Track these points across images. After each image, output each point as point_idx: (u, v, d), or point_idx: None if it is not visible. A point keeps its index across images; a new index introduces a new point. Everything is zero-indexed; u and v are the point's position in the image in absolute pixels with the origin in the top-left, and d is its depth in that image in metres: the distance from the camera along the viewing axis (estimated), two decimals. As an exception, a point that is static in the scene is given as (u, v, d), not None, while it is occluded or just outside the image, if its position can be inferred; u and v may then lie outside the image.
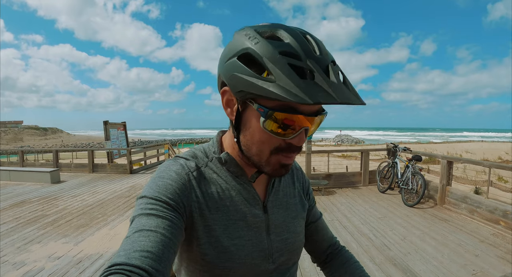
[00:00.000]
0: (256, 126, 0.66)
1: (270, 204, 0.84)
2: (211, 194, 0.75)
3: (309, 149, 7.94)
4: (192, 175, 0.75)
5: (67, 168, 12.02)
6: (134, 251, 0.55)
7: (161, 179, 0.72)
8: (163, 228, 0.61)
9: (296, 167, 1.01)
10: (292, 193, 0.93)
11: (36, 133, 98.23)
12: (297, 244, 0.88)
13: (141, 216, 0.63)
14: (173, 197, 0.68)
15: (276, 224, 0.83)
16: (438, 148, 26.43)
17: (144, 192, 0.70)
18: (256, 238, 0.78)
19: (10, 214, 6.11)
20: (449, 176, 5.94)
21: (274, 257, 0.81)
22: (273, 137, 0.66)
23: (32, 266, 3.81)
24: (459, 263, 3.63)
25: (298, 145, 0.67)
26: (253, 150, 0.70)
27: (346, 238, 4.50)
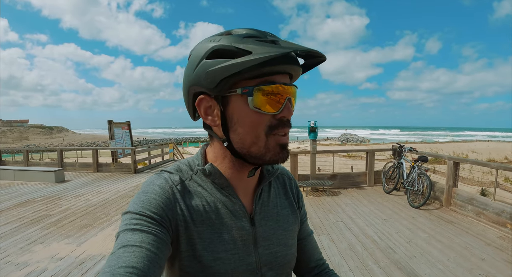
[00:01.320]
0: (244, 112, 0.68)
1: (258, 216, 0.81)
2: (196, 207, 0.74)
3: (314, 149, 7.91)
4: (176, 188, 0.74)
5: (71, 167, 12.06)
6: (119, 267, 0.55)
7: (145, 194, 0.71)
8: (148, 243, 0.60)
9: (289, 177, 0.98)
10: (283, 203, 0.89)
11: (42, 132, 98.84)
12: (289, 257, 0.85)
13: (126, 232, 0.63)
14: (157, 211, 0.67)
15: (264, 236, 0.80)
16: (444, 148, 26.30)
17: (129, 207, 0.69)
18: (243, 251, 0.76)
19: (14, 214, 6.13)
20: (455, 177, 5.88)
21: (262, 271, 0.79)
22: (263, 116, 0.67)
23: (35, 266, 3.81)
24: (465, 267, 3.58)
25: (288, 117, 0.69)
26: (248, 140, 0.69)
27: (351, 240, 4.46)
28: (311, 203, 6.59)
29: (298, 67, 0.69)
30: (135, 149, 11.94)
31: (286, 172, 0.99)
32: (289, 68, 0.67)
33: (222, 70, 0.64)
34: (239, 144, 0.70)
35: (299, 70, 0.71)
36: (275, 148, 0.69)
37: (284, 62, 0.65)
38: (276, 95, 0.66)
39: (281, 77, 0.68)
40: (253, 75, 0.65)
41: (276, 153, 0.70)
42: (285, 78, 0.69)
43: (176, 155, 16.34)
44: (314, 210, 6.08)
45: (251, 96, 0.65)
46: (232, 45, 0.64)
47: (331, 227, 5.02)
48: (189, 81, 0.70)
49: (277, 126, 0.68)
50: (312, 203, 6.60)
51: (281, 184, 0.93)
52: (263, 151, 0.69)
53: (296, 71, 0.70)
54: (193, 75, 0.69)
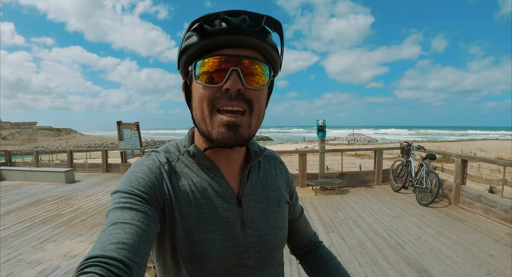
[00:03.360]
0: (194, 88, 0.71)
1: (246, 197, 0.82)
2: (182, 187, 0.75)
3: (323, 148, 7.91)
4: (164, 168, 0.76)
5: (81, 168, 12.16)
6: (109, 243, 0.55)
7: (133, 173, 0.73)
8: (138, 220, 0.61)
9: (280, 161, 0.99)
10: (273, 186, 0.90)
11: (50, 133, 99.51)
12: (278, 240, 0.85)
13: (115, 210, 0.63)
14: (145, 190, 0.69)
15: (252, 218, 0.81)
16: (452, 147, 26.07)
17: (118, 187, 0.70)
18: (229, 233, 0.77)
19: (26, 213, 6.21)
20: (463, 175, 5.86)
21: (250, 252, 0.79)
22: (208, 90, 0.67)
23: (47, 264, 3.86)
24: (474, 263, 3.58)
25: (233, 88, 0.65)
26: (198, 116, 0.71)
27: (360, 237, 4.48)
28: (320, 202, 6.61)
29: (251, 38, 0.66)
30: (144, 149, 12.01)
31: (277, 156, 1.00)
32: (238, 39, 0.65)
33: (177, 53, 0.71)
34: (195, 121, 0.73)
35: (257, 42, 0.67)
36: (219, 127, 0.67)
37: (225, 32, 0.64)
38: (217, 66, 0.66)
39: (235, 51, 0.66)
40: (200, 51, 0.67)
41: (220, 132, 0.68)
42: (242, 52, 0.67)
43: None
44: (324, 208, 6.10)
45: (194, 70, 0.68)
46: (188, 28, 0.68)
47: (341, 225, 5.04)
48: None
49: (219, 99, 0.66)
50: (321, 202, 6.62)
51: (272, 167, 0.94)
52: (209, 129, 0.69)
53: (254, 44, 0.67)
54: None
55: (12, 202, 7.24)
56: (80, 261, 0.53)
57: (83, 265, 0.52)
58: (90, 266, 0.51)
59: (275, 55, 0.73)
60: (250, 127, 0.70)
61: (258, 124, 0.73)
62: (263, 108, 0.73)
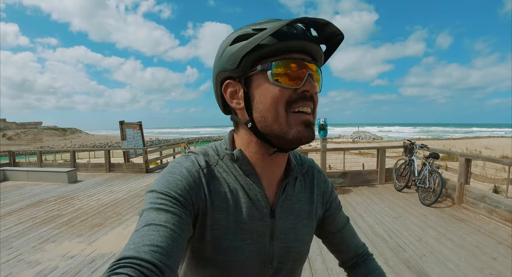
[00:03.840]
0: (265, 88, 0.69)
1: (279, 209, 0.80)
2: (219, 193, 0.74)
3: (324, 147, 7.86)
4: (203, 172, 0.74)
5: (84, 167, 12.21)
6: (143, 245, 0.55)
7: (171, 174, 0.72)
8: (173, 224, 0.61)
9: (318, 170, 0.96)
10: (308, 199, 0.88)
11: (55, 133, 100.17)
12: (302, 253, 0.85)
13: (150, 210, 0.64)
14: (182, 193, 0.68)
15: (282, 230, 0.80)
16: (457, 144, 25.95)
17: (154, 186, 0.70)
18: (258, 242, 0.76)
19: (27, 213, 6.23)
20: (467, 174, 5.78)
21: (274, 263, 0.79)
22: (284, 91, 0.67)
23: (46, 265, 3.87)
24: (476, 266, 3.52)
25: (311, 90, 0.68)
26: (269, 117, 0.69)
27: (361, 238, 4.40)
28: (321, 202, 6.52)
29: (315, 44, 0.70)
30: (147, 149, 12.02)
31: (315, 165, 0.97)
32: (306, 45, 0.68)
33: (241, 49, 0.67)
34: (262, 123, 0.70)
35: (318, 49, 0.71)
36: (298, 125, 0.68)
37: (298, 37, 0.66)
38: (296, 69, 0.67)
39: (301, 55, 0.69)
40: (271, 51, 0.67)
41: (299, 130, 0.68)
42: (305, 56, 0.69)
43: (187, 154, 16.35)
44: (324, 208, 6.02)
45: (270, 70, 0.67)
46: (250, 29, 0.68)
47: (341, 226, 4.98)
48: (216, 68, 0.73)
49: (297, 100, 0.68)
50: (322, 202, 6.53)
51: (309, 178, 0.91)
52: (285, 129, 0.68)
53: (315, 50, 0.71)
54: (219, 62, 0.72)
55: (14, 202, 7.28)
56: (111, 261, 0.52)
57: (115, 265, 0.52)
58: (122, 267, 0.52)
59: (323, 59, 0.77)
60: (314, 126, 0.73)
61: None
62: None
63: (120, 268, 0.51)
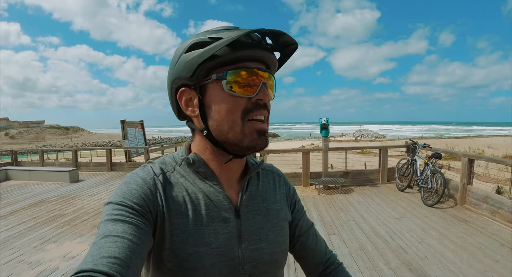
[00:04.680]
0: (220, 97, 0.69)
1: (245, 209, 0.78)
2: (176, 198, 0.72)
3: (326, 147, 7.84)
4: (158, 179, 0.73)
5: (86, 167, 12.22)
6: (101, 257, 0.54)
7: (126, 184, 0.71)
8: (130, 234, 0.60)
9: (278, 174, 0.96)
10: (273, 199, 0.86)
11: (58, 132, 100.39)
12: (276, 255, 0.80)
13: (107, 222, 0.62)
14: (138, 201, 0.67)
15: (250, 230, 0.77)
16: (460, 143, 25.83)
17: (111, 198, 0.68)
18: (225, 246, 0.73)
19: (29, 213, 6.24)
20: (470, 174, 5.75)
21: (245, 268, 0.75)
22: (239, 100, 0.68)
23: (47, 265, 3.87)
24: (478, 269, 3.49)
25: (264, 99, 0.70)
26: (225, 126, 0.70)
27: (362, 240, 4.40)
28: (323, 202, 6.55)
29: (270, 53, 0.71)
30: (148, 148, 12.01)
31: (276, 169, 0.97)
32: (261, 54, 0.70)
33: (196, 58, 0.67)
34: (217, 131, 0.71)
35: (272, 58, 0.73)
36: (252, 133, 0.70)
37: (253, 46, 0.68)
38: (250, 78, 0.68)
39: (255, 64, 0.70)
40: (226, 60, 0.67)
41: (253, 138, 0.70)
42: (259, 65, 0.71)
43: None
44: (326, 208, 6.03)
45: (225, 79, 0.67)
46: (206, 37, 0.68)
47: (342, 227, 4.97)
48: (171, 75, 0.74)
49: (252, 109, 0.69)
50: (324, 202, 6.55)
51: (271, 180, 0.91)
52: (240, 137, 0.69)
53: (270, 59, 0.72)
54: (174, 69, 0.72)
55: (16, 202, 7.29)
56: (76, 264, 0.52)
57: None
58: None
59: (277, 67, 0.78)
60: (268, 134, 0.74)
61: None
62: None
63: None
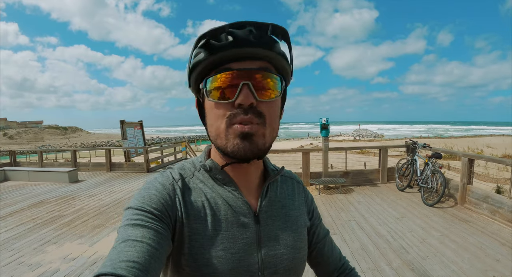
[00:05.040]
0: (208, 105, 0.70)
1: (264, 214, 0.78)
2: (195, 203, 0.73)
3: (326, 147, 7.83)
4: (177, 184, 0.74)
5: (85, 167, 12.19)
6: (120, 261, 0.54)
7: (146, 190, 0.72)
8: (149, 238, 0.60)
9: (297, 181, 0.95)
10: (292, 205, 0.86)
11: (56, 132, 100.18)
12: (296, 261, 0.79)
13: (127, 227, 0.63)
14: (157, 206, 0.67)
15: (270, 236, 0.76)
16: (459, 143, 25.88)
17: (130, 203, 0.69)
18: (244, 251, 0.72)
19: (28, 214, 6.21)
20: (470, 174, 5.75)
21: (265, 273, 0.74)
22: (222, 106, 0.66)
23: (47, 267, 3.85)
24: (479, 268, 3.49)
25: (245, 103, 0.64)
26: (213, 133, 0.70)
27: (363, 240, 4.40)
28: (323, 201, 6.54)
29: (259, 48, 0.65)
30: (148, 148, 11.99)
31: (294, 176, 0.96)
32: (245, 52, 0.64)
33: (187, 70, 0.70)
34: (211, 137, 0.72)
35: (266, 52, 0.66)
36: (234, 138, 0.66)
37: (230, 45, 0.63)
38: (230, 81, 0.65)
39: (243, 64, 0.65)
40: (208, 66, 0.66)
41: (235, 143, 0.66)
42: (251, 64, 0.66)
43: (189, 153, 16.39)
44: (327, 208, 6.02)
45: (205, 88, 0.67)
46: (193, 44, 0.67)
47: (343, 226, 4.96)
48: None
49: (236, 115, 0.65)
50: (324, 202, 6.54)
51: (290, 187, 0.90)
52: (224, 143, 0.68)
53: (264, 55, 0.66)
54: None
55: (15, 203, 7.27)
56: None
57: None
58: None
59: (285, 64, 0.71)
60: (264, 137, 0.68)
61: (273, 135, 0.71)
62: (276, 120, 0.72)
63: None
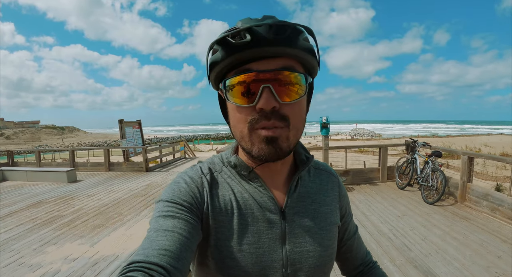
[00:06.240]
0: (230, 106, 0.69)
1: (291, 210, 0.76)
2: (222, 197, 0.74)
3: (326, 145, 7.83)
4: (206, 178, 0.76)
5: (83, 167, 12.16)
6: (152, 249, 0.57)
7: (176, 184, 0.74)
8: (180, 228, 0.62)
9: (333, 174, 0.92)
10: (323, 201, 0.83)
11: (53, 132, 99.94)
12: (323, 259, 0.77)
13: (158, 218, 0.65)
14: (186, 199, 0.70)
15: (295, 233, 0.75)
16: (456, 142, 25.94)
17: (161, 196, 0.72)
18: (268, 246, 0.72)
19: (27, 215, 6.18)
20: (469, 172, 5.75)
21: (289, 270, 0.73)
22: (243, 110, 0.65)
23: (48, 268, 3.82)
24: (481, 265, 3.50)
25: (266, 108, 0.61)
26: (237, 135, 0.69)
27: (366, 237, 4.39)
28: (323, 200, 6.49)
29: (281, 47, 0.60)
30: (146, 147, 11.96)
31: (330, 169, 0.93)
32: (267, 50, 0.60)
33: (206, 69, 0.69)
34: (236, 138, 0.71)
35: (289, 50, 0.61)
36: (260, 142, 0.65)
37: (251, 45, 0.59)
38: (250, 84, 0.62)
39: (264, 63, 0.62)
40: (228, 66, 0.64)
41: (260, 148, 0.65)
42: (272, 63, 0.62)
43: (187, 152, 16.38)
44: (326, 207, 5.98)
45: (225, 90, 0.66)
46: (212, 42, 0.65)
47: (344, 225, 4.94)
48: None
49: (258, 120, 0.63)
50: (324, 200, 6.49)
51: (324, 181, 0.87)
52: (249, 146, 0.67)
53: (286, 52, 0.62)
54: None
55: (14, 203, 7.23)
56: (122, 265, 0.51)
57: (125, 269, 0.53)
58: (132, 270, 0.52)
59: (310, 58, 0.66)
60: (288, 140, 0.67)
61: (297, 136, 0.69)
62: (301, 119, 0.69)
63: (130, 271, 0.52)
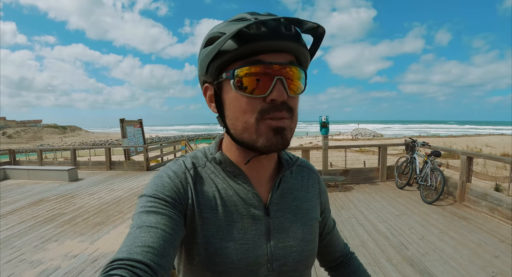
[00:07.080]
0: (232, 96, 0.66)
1: (275, 206, 0.78)
2: (206, 193, 0.73)
3: (326, 145, 7.84)
4: (189, 173, 0.75)
5: (85, 166, 12.20)
6: (135, 246, 0.56)
7: (159, 178, 0.73)
8: (163, 224, 0.62)
9: (314, 171, 0.94)
10: (305, 197, 0.85)
11: (55, 131, 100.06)
12: (306, 253, 0.79)
13: (141, 214, 0.64)
14: (170, 194, 0.69)
15: (279, 228, 0.77)
16: (457, 142, 25.92)
17: (144, 191, 0.71)
18: (253, 242, 0.73)
19: (29, 212, 6.22)
20: (469, 172, 5.77)
21: (274, 265, 0.75)
22: (252, 100, 0.64)
23: (48, 264, 3.86)
24: (478, 265, 3.51)
25: (278, 99, 0.62)
26: (239, 126, 0.67)
27: (363, 236, 4.42)
28: (322, 200, 6.51)
29: (292, 42, 0.63)
30: (147, 146, 12.00)
31: (311, 166, 0.95)
32: (278, 44, 0.62)
33: (206, 56, 0.65)
34: (233, 131, 0.69)
35: (295, 46, 0.64)
36: (268, 133, 0.64)
37: (265, 37, 0.60)
38: (262, 74, 0.62)
39: (272, 56, 0.62)
40: (237, 55, 0.63)
41: (268, 138, 0.65)
42: (279, 57, 0.63)
43: (188, 151, 16.40)
44: (326, 206, 6.01)
45: (233, 79, 0.63)
46: (217, 31, 0.63)
47: (343, 224, 4.98)
48: (199, 70, 0.72)
49: (268, 111, 0.63)
50: (323, 200, 6.52)
51: (305, 177, 0.89)
52: (254, 138, 0.66)
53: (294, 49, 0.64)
54: (198, 64, 0.71)
55: (15, 201, 7.28)
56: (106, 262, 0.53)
57: (108, 267, 0.52)
58: (115, 268, 0.52)
59: (308, 56, 0.69)
60: (291, 131, 0.68)
61: (294, 128, 0.71)
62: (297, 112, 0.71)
63: (113, 269, 0.52)
